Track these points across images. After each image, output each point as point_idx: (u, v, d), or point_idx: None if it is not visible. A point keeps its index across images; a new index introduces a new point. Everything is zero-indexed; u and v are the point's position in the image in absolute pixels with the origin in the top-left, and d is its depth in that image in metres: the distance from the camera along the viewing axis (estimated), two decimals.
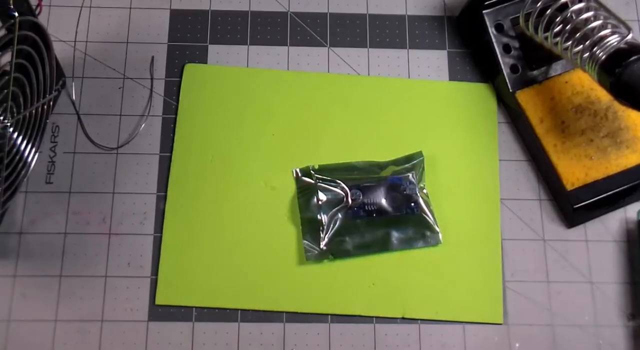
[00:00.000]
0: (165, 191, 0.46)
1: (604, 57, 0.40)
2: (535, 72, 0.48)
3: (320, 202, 0.45)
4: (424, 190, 0.46)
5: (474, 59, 0.50)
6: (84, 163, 0.47)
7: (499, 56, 0.48)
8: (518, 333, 0.45)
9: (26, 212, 0.45)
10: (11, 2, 0.37)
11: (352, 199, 0.45)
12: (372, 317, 0.44)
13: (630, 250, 0.47)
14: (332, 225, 0.45)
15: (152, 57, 0.49)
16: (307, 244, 0.44)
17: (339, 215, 0.45)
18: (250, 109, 0.48)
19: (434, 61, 0.50)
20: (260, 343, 0.44)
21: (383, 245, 0.45)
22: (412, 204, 0.45)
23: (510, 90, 0.48)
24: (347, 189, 0.45)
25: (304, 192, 0.45)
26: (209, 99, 0.48)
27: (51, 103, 0.46)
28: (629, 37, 0.39)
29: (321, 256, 0.44)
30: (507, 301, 0.45)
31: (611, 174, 0.46)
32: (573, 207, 0.46)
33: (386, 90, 0.49)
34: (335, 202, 0.45)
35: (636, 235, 0.46)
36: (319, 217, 0.45)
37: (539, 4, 0.44)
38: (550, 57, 0.47)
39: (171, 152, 0.47)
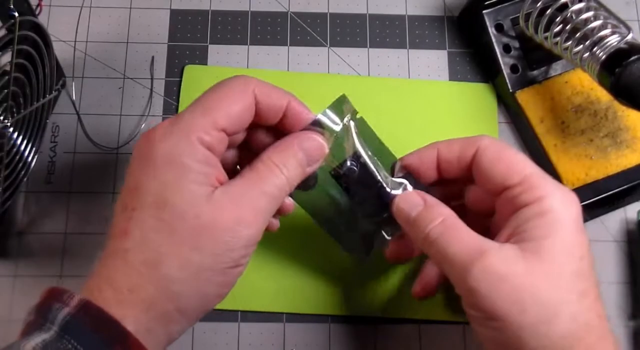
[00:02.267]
0: None
1: (604, 57, 0.40)
2: (535, 72, 0.48)
3: (329, 147, 0.36)
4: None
5: (474, 59, 0.50)
6: (84, 163, 0.47)
7: (499, 56, 0.48)
8: None
9: (26, 212, 0.45)
10: (11, 2, 0.37)
11: (347, 168, 0.37)
12: (372, 317, 0.44)
13: (630, 250, 0.47)
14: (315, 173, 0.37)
15: (152, 57, 0.49)
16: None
17: (324, 170, 0.37)
18: None
19: (434, 61, 0.50)
20: (260, 343, 0.44)
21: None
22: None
23: (510, 90, 0.48)
24: (350, 159, 0.37)
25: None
26: None
27: (51, 103, 0.46)
28: (629, 37, 0.39)
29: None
30: None
31: (611, 174, 0.46)
32: None
33: (386, 90, 0.49)
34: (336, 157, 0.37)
35: (636, 235, 0.47)
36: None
37: (539, 4, 0.44)
38: (550, 57, 0.47)
39: None
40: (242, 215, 0.31)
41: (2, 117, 0.39)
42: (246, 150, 0.38)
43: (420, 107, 0.49)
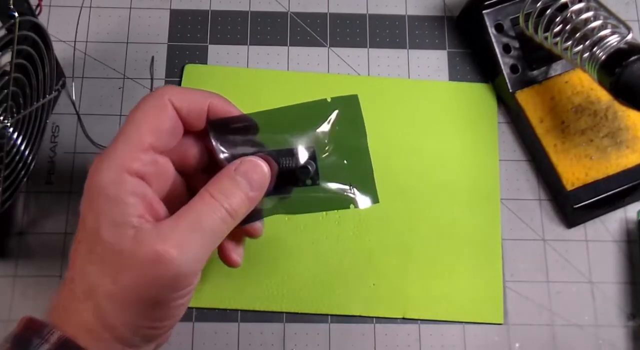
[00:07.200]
0: None
1: (604, 57, 0.40)
2: (535, 72, 0.48)
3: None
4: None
5: (474, 59, 0.50)
6: (84, 163, 0.47)
7: (499, 56, 0.48)
8: (518, 333, 0.45)
9: (26, 212, 0.45)
10: (11, 2, 0.37)
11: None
12: (372, 317, 0.44)
13: (630, 250, 0.47)
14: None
15: (152, 57, 0.49)
16: None
17: None
18: (250, 109, 0.48)
19: (434, 61, 0.50)
20: (260, 343, 0.44)
21: None
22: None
23: (510, 90, 0.48)
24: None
25: None
26: None
27: (51, 103, 0.46)
28: (629, 37, 0.39)
29: None
30: (507, 301, 0.45)
31: (611, 174, 0.46)
32: (573, 207, 0.46)
33: (386, 90, 0.49)
34: None
35: (636, 235, 0.47)
36: None
37: (539, 4, 0.44)
38: (550, 57, 0.47)
39: None
40: (166, 252, 0.29)
41: (2, 117, 0.39)
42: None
43: (420, 107, 0.49)
